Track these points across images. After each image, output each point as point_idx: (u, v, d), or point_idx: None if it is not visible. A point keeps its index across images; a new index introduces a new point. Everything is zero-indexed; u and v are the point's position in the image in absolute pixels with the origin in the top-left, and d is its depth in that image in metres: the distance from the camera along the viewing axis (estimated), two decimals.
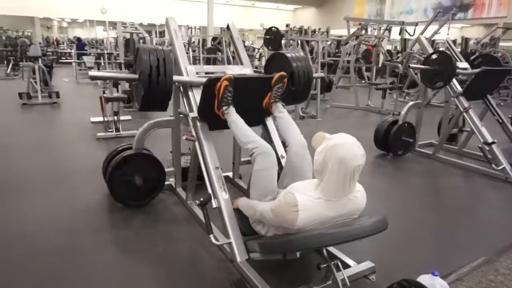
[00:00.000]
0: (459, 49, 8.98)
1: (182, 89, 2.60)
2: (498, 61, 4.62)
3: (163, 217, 2.78)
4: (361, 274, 2.04)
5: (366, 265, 2.09)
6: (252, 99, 2.43)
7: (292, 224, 1.64)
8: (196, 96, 2.47)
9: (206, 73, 2.79)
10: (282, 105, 2.46)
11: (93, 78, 2.43)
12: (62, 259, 2.19)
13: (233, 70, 2.80)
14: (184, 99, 2.58)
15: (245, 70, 2.87)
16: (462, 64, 4.48)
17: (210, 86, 2.21)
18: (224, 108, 2.24)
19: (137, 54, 2.38)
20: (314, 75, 2.96)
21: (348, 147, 1.62)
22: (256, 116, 2.55)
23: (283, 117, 2.36)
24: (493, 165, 3.84)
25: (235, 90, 2.23)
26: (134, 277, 2.05)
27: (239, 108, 2.27)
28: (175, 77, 2.43)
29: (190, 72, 2.60)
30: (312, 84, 7.18)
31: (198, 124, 2.35)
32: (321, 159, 1.66)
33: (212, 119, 2.34)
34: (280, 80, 2.35)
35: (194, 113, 2.37)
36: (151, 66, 2.22)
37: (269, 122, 2.62)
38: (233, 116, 2.22)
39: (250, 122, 2.29)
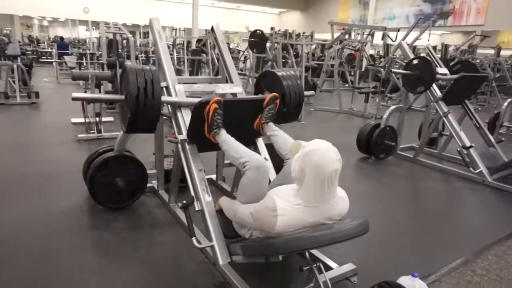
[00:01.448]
0: (439, 55, 9.22)
1: (170, 109, 2.51)
2: (476, 67, 4.76)
3: (145, 220, 2.75)
4: (343, 276, 2.06)
5: (348, 267, 2.11)
6: (243, 121, 2.38)
7: (271, 228, 1.65)
8: (185, 116, 2.41)
9: (190, 92, 2.69)
10: (275, 124, 2.43)
11: (77, 99, 2.32)
12: (37, 265, 2.12)
13: (223, 89, 2.73)
14: (173, 119, 2.50)
15: (236, 88, 2.77)
16: (442, 70, 4.59)
17: (199, 110, 2.15)
18: (215, 131, 2.18)
19: (123, 74, 2.28)
20: (306, 93, 2.89)
21: (322, 152, 1.62)
22: (246, 137, 2.45)
23: (278, 135, 2.29)
24: (471, 168, 3.94)
25: (225, 112, 2.18)
26: (115, 282, 2.01)
27: (229, 130, 2.22)
28: (164, 98, 2.36)
29: (179, 91, 2.50)
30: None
31: (187, 146, 2.29)
32: (298, 166, 1.67)
33: (202, 142, 2.27)
34: (272, 101, 2.32)
35: (183, 136, 2.31)
36: (139, 88, 2.12)
37: (260, 143, 2.58)
38: (224, 137, 2.16)
39: (241, 143, 2.24)
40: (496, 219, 3.14)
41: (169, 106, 2.52)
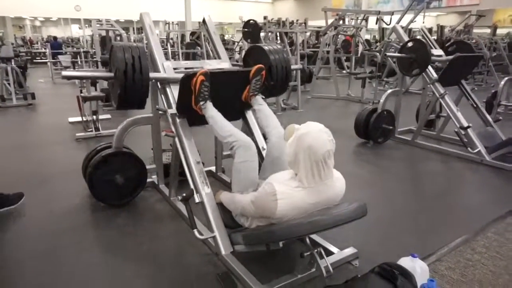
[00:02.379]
0: (435, 37, 9.16)
1: (159, 86, 2.57)
2: (471, 47, 4.74)
3: (147, 214, 2.77)
4: (345, 260, 2.08)
5: (349, 251, 2.13)
6: (231, 93, 2.43)
7: (272, 213, 1.67)
8: (174, 92, 2.45)
9: (185, 68, 2.77)
10: (262, 97, 2.47)
11: (67, 78, 2.38)
12: (41, 263, 2.14)
13: (211, 65, 2.79)
14: (162, 95, 2.56)
15: (223, 64, 2.85)
16: (437, 51, 4.57)
17: (186, 82, 2.20)
18: (201, 103, 2.23)
19: (111, 51, 2.34)
20: (293, 67, 2.96)
21: (314, 135, 1.65)
22: (235, 109, 2.54)
23: (262, 109, 2.36)
24: (469, 148, 3.95)
25: (213, 84, 2.22)
26: (119, 277, 2.04)
27: (217, 103, 2.26)
28: (152, 74, 2.41)
29: (167, 68, 2.57)
30: (292, 75, 7.23)
31: (178, 120, 2.34)
32: (292, 150, 1.70)
33: (191, 115, 2.32)
34: (258, 72, 2.36)
35: (173, 110, 2.37)
36: (127, 64, 2.19)
37: (249, 115, 2.63)
38: (210, 111, 2.22)
39: (230, 116, 2.29)
40: (495, 197, 3.16)
41: (158, 84, 2.57)
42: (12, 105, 6.87)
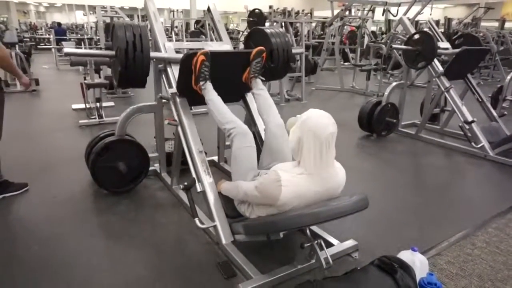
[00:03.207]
0: (442, 30, 9.05)
1: (160, 66, 2.57)
2: (478, 41, 4.68)
3: (149, 202, 2.78)
4: (344, 252, 2.09)
5: (349, 243, 2.14)
6: (231, 74, 2.42)
7: (276, 199, 1.68)
8: (175, 72, 2.46)
9: (186, 49, 2.75)
10: (262, 79, 2.46)
11: (69, 54, 2.38)
12: (45, 247, 2.17)
13: (212, 46, 2.80)
14: (163, 75, 2.56)
15: (225, 46, 2.86)
16: (444, 44, 4.52)
17: (187, 61, 2.19)
18: (201, 83, 2.23)
19: (113, 30, 2.33)
20: (294, 50, 2.97)
21: (317, 118, 1.68)
22: (235, 91, 2.54)
23: (261, 95, 2.36)
24: (472, 143, 3.93)
25: (213, 65, 2.22)
26: (121, 263, 2.06)
27: (218, 84, 2.26)
28: (153, 54, 2.41)
29: (169, 48, 2.57)
30: (297, 66, 7.16)
31: (178, 100, 2.35)
32: (296, 136, 1.73)
33: (191, 95, 2.33)
34: (258, 54, 2.35)
35: (173, 89, 2.38)
36: (127, 42, 2.18)
37: (249, 97, 2.63)
38: (210, 94, 2.22)
39: (230, 98, 2.30)
40: (497, 193, 3.15)
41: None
42: (16, 90, 6.88)
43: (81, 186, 2.98)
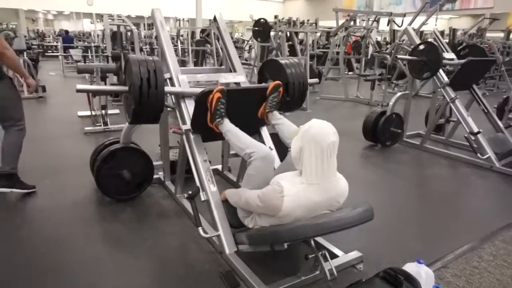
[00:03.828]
0: (447, 40, 9.06)
1: (174, 100, 2.52)
2: (484, 51, 4.67)
3: (152, 210, 2.78)
4: (349, 263, 2.07)
5: (354, 254, 2.11)
6: (246, 110, 2.38)
7: (278, 209, 1.67)
8: (188, 106, 2.41)
9: (199, 82, 2.72)
10: (280, 113, 2.44)
11: (81, 91, 2.26)
12: (50, 252, 2.18)
13: (227, 78, 2.72)
14: (177, 110, 2.51)
15: (239, 77, 2.76)
16: (449, 55, 4.52)
17: (202, 99, 2.16)
18: (218, 120, 2.20)
19: (126, 65, 2.28)
20: (310, 81, 2.89)
21: (318, 128, 1.68)
22: (251, 126, 2.46)
23: (284, 123, 2.31)
24: (478, 154, 3.90)
25: (229, 101, 2.19)
26: (124, 270, 2.05)
27: (233, 119, 2.22)
28: (167, 89, 2.35)
29: (182, 82, 2.51)
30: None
31: (191, 136, 2.30)
32: (297, 146, 1.72)
33: (206, 131, 2.29)
34: (275, 89, 2.32)
35: (187, 126, 2.32)
36: (142, 79, 2.12)
37: (264, 131, 2.57)
38: (228, 126, 2.18)
39: (245, 132, 2.24)
40: (504, 205, 3.11)
41: (172, 97, 2.53)
42: (23, 97, 6.88)
43: (85, 192, 2.99)
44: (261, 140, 2.52)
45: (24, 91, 6.99)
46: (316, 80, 3.30)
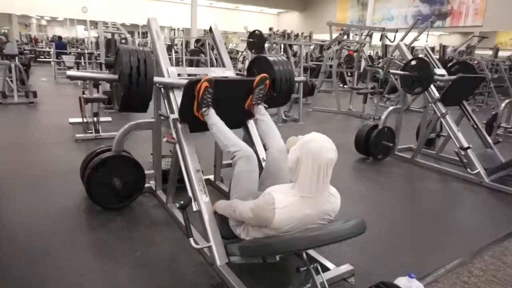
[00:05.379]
0: (437, 56, 9.23)
1: (163, 91, 2.57)
2: (473, 68, 4.77)
3: (143, 220, 2.74)
4: (340, 277, 2.06)
5: (345, 268, 2.11)
6: (234, 101, 2.43)
7: (269, 221, 1.66)
8: (177, 97, 2.46)
9: (189, 75, 2.78)
10: (265, 107, 2.47)
11: (71, 78, 2.38)
12: (34, 265, 2.11)
13: (215, 73, 2.79)
14: (165, 100, 2.56)
15: (228, 72, 2.87)
16: (440, 71, 4.60)
17: (190, 88, 2.20)
18: (204, 109, 2.23)
19: (117, 54, 2.35)
20: (296, 79, 2.97)
21: (319, 142, 1.68)
22: (237, 118, 2.55)
23: (264, 120, 2.37)
24: (468, 169, 3.95)
25: (216, 92, 2.23)
26: (112, 282, 2.01)
27: (220, 110, 2.26)
28: (156, 78, 2.41)
29: (172, 73, 2.58)
30: (295, 87, 7.24)
31: (179, 125, 2.34)
32: (295, 156, 1.71)
33: (193, 121, 2.33)
34: (261, 82, 2.37)
35: (175, 115, 2.37)
36: (132, 67, 2.20)
37: (251, 124, 2.63)
38: (213, 119, 2.22)
39: (232, 124, 2.29)
40: (493, 220, 3.14)
41: (162, 89, 2.58)
42: (13, 102, 6.86)
43: (74, 201, 2.94)
44: (248, 133, 2.61)
45: (14, 96, 6.92)
46: (303, 78, 3.39)
